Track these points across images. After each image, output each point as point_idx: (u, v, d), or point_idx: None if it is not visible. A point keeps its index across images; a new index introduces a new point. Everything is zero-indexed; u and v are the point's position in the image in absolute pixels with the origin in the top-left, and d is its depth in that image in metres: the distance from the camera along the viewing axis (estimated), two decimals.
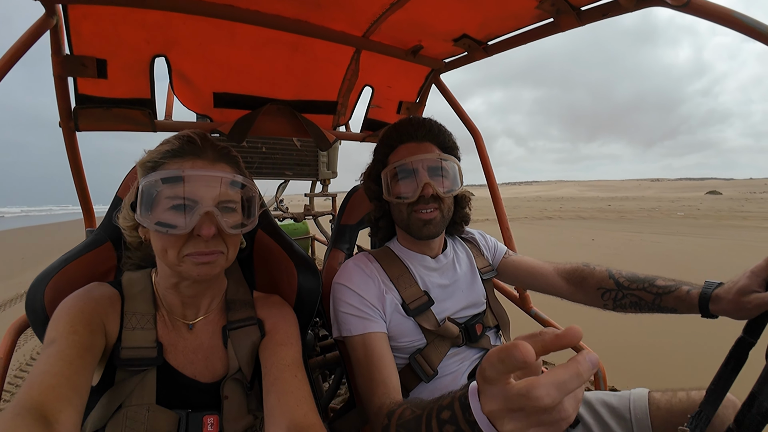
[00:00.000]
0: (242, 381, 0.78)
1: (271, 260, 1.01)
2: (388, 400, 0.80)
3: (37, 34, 0.90)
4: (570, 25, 1.03)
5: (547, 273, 1.15)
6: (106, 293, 0.75)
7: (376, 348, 0.91)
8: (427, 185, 0.99)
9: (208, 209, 0.68)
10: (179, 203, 0.68)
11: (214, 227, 0.68)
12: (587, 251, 7.39)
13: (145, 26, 1.02)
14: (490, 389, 0.40)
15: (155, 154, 0.72)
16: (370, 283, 1.00)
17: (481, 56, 1.32)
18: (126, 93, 1.11)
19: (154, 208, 0.68)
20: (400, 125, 1.09)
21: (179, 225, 0.67)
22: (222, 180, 0.72)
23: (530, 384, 0.36)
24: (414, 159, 1.01)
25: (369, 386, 0.86)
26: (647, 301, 0.93)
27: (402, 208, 1.04)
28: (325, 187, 3.02)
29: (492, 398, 0.40)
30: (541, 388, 0.35)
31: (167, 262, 0.70)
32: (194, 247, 0.69)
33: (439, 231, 1.05)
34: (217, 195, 0.71)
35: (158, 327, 0.77)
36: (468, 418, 0.47)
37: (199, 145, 0.73)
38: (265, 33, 1.17)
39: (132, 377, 0.72)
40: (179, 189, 0.68)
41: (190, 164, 0.71)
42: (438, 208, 1.02)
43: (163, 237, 0.68)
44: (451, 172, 1.05)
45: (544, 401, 0.34)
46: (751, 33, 0.70)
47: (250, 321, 0.83)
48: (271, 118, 1.40)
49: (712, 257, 4.52)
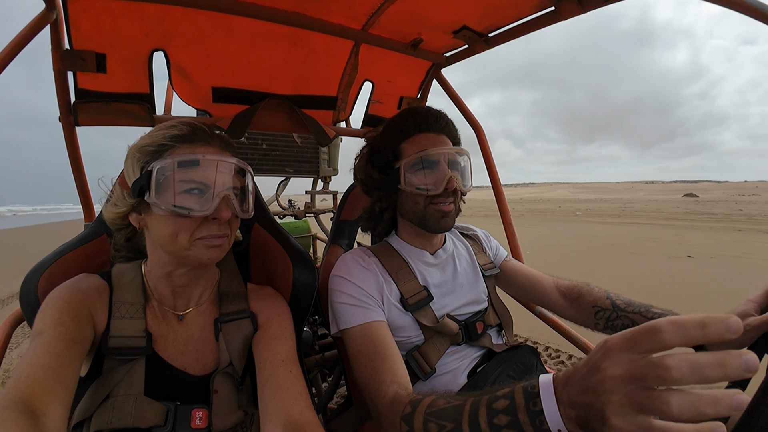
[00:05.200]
0: (233, 375, 0.77)
1: (266, 254, 0.99)
2: (401, 389, 0.76)
3: (37, 28, 0.90)
4: (571, 12, 1.00)
5: (546, 284, 1.13)
6: (94, 284, 0.74)
7: (379, 336, 0.87)
8: (452, 178, 0.97)
9: (226, 193, 0.71)
10: (194, 187, 0.68)
11: (230, 211, 0.71)
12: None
13: (143, 19, 1.02)
14: (621, 354, 0.38)
15: (159, 138, 0.71)
16: (369, 275, 0.97)
17: (482, 48, 1.30)
18: (125, 87, 1.11)
19: (166, 192, 0.68)
20: (416, 113, 1.04)
21: (198, 208, 0.68)
22: (234, 166, 0.74)
23: (665, 355, 0.35)
24: (439, 151, 0.98)
25: (375, 375, 0.81)
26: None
27: (419, 200, 1.00)
28: (326, 184, 3.00)
29: (617, 363, 0.38)
30: (676, 359, 0.34)
31: (175, 246, 0.70)
32: (208, 230, 0.70)
33: (452, 224, 1.04)
34: (229, 180, 0.73)
35: (148, 318, 0.76)
36: (532, 408, 0.48)
37: (207, 133, 0.74)
38: (263, 26, 1.16)
39: (120, 367, 0.71)
40: (195, 173, 0.69)
41: (202, 150, 0.71)
42: (454, 202, 1.01)
43: (175, 221, 0.68)
44: (465, 167, 1.04)
45: (671, 373, 0.33)
46: (753, 14, 0.66)
47: (243, 314, 0.82)
48: (270, 113, 1.38)
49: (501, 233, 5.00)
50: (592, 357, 0.42)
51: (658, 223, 14.52)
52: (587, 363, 0.43)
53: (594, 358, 0.42)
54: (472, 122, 1.55)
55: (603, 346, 0.41)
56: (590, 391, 0.41)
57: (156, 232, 0.71)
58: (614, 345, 0.40)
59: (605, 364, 0.40)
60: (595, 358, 0.42)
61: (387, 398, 0.75)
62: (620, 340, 0.39)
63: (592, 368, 0.42)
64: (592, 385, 0.41)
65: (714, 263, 6.96)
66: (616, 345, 0.40)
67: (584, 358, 0.45)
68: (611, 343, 0.40)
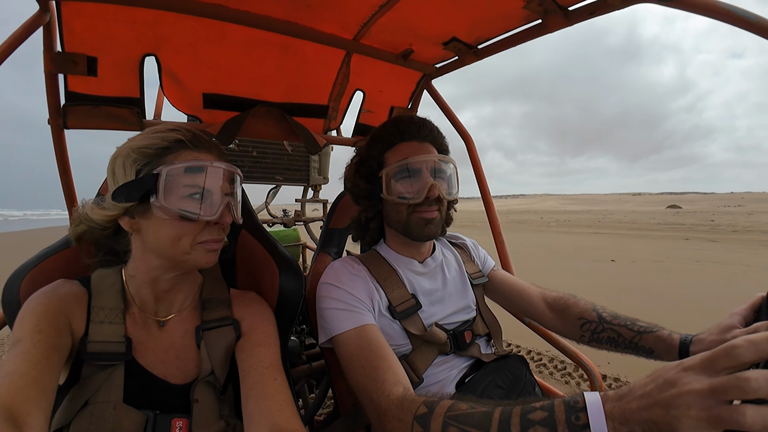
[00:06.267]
0: (215, 384, 0.75)
1: (253, 260, 0.98)
2: (405, 390, 0.73)
3: (30, 29, 0.90)
4: (558, 25, 1.03)
5: (533, 295, 1.14)
6: (72, 290, 0.73)
7: (374, 337, 0.85)
8: (434, 187, 0.97)
9: (229, 199, 0.74)
10: (197, 192, 0.70)
11: (230, 216, 0.75)
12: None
13: (136, 24, 1.02)
14: (701, 371, 0.42)
15: (159, 141, 0.71)
16: (358, 281, 0.96)
17: (471, 60, 1.33)
18: (115, 91, 1.11)
19: (172, 196, 0.68)
20: (400, 122, 1.06)
21: (204, 213, 0.70)
22: (232, 174, 0.77)
23: (745, 371, 0.39)
24: (420, 159, 0.99)
25: (374, 376, 0.77)
26: (626, 338, 0.92)
27: (402, 209, 1.01)
28: (317, 193, 2.99)
29: (698, 379, 0.42)
30: (755, 372, 0.38)
31: (175, 250, 0.70)
32: (209, 234, 0.73)
33: (437, 231, 1.03)
34: (228, 187, 0.76)
35: (127, 324, 0.74)
36: (574, 422, 0.49)
37: (208, 140, 0.77)
38: (255, 34, 1.16)
39: (99, 373, 0.69)
40: (200, 179, 0.71)
41: (205, 156, 0.74)
42: (438, 210, 1.01)
43: (180, 224, 0.69)
44: (450, 175, 1.04)
45: (750, 384, 0.38)
46: (740, 23, 0.68)
47: (226, 321, 0.80)
48: (260, 120, 1.38)
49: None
50: (663, 374, 0.45)
51: (620, 233, 15.60)
52: (654, 379, 0.46)
53: (667, 375, 0.44)
54: (462, 133, 1.56)
55: (679, 365, 0.44)
56: (660, 405, 0.43)
57: (155, 236, 0.70)
58: (693, 364, 0.43)
59: (685, 380, 0.42)
60: (668, 375, 0.44)
61: (394, 397, 0.72)
62: (699, 359, 0.43)
63: (663, 384, 0.44)
64: (663, 400, 0.43)
65: (632, 266, 7.87)
66: (695, 364, 0.43)
67: (647, 376, 0.48)
68: (689, 363, 0.44)
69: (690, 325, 0.96)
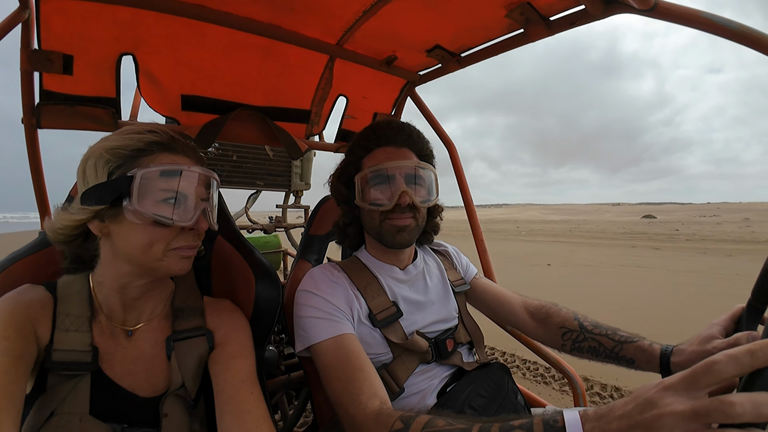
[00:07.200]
0: (185, 398, 0.72)
1: (229, 267, 0.95)
2: (383, 403, 0.71)
3: (8, 27, 0.88)
4: (539, 34, 1.05)
5: (514, 304, 1.14)
6: (38, 296, 0.69)
7: (352, 347, 0.83)
8: (404, 193, 0.95)
9: (205, 205, 0.72)
10: (172, 196, 0.68)
11: (206, 222, 0.73)
12: None
13: (114, 23, 1.01)
14: (682, 392, 0.41)
15: (135, 142, 0.68)
16: (338, 288, 0.94)
17: (454, 68, 1.34)
18: (90, 91, 1.08)
19: (146, 200, 0.66)
20: (378, 127, 1.04)
21: (179, 218, 0.68)
22: (208, 178, 0.75)
23: (729, 394, 0.38)
24: (392, 165, 0.97)
25: (350, 387, 0.76)
26: (607, 347, 0.93)
27: (374, 216, 0.99)
28: (298, 199, 2.96)
29: (680, 400, 0.41)
30: (739, 396, 0.37)
31: (147, 257, 0.67)
32: (184, 240, 0.70)
33: (412, 239, 1.02)
34: (203, 192, 0.73)
35: (94, 332, 0.71)
36: None
37: (184, 143, 0.74)
38: (237, 36, 1.15)
39: (64, 383, 0.66)
40: (175, 183, 0.68)
41: (182, 160, 0.71)
42: (413, 217, 0.99)
43: (153, 230, 0.67)
44: (427, 182, 1.02)
45: (735, 409, 0.37)
46: (722, 32, 0.68)
47: (198, 332, 0.77)
48: (241, 123, 1.36)
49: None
50: (643, 394, 0.44)
51: (578, 241, 16.59)
52: (634, 400, 0.45)
53: (647, 395, 0.43)
54: (445, 141, 1.57)
55: (659, 384, 0.43)
56: (640, 427, 0.42)
57: (125, 241, 0.67)
58: (674, 383, 0.42)
59: (666, 401, 0.41)
60: (648, 394, 0.43)
61: (369, 411, 0.70)
62: (680, 378, 0.42)
63: (644, 404, 0.43)
64: (644, 421, 0.42)
65: (561, 269, 8.70)
66: (676, 383, 0.42)
67: (627, 396, 0.47)
68: (669, 382, 0.43)
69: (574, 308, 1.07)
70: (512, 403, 0.94)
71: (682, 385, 0.41)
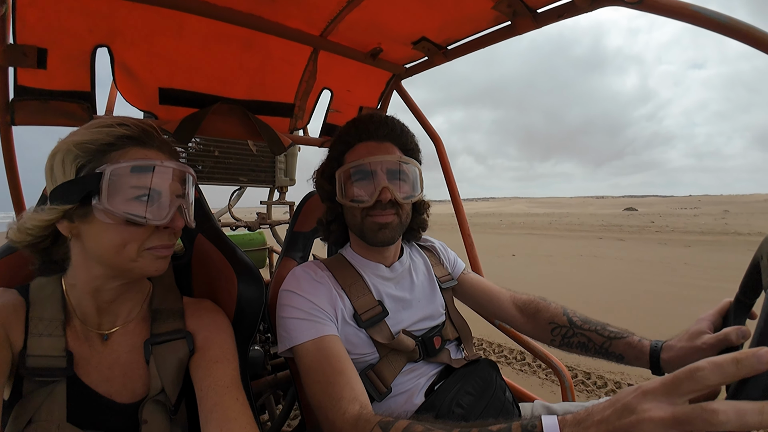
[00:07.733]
0: (165, 404, 0.69)
1: (210, 267, 0.92)
2: (363, 408, 0.70)
3: None
4: (526, 27, 1.04)
5: (503, 299, 1.13)
6: (10, 300, 0.66)
7: (333, 350, 0.81)
8: (385, 189, 0.92)
9: (180, 202, 0.69)
10: (145, 194, 0.64)
11: (183, 220, 0.69)
12: None
13: (88, 14, 0.98)
14: (662, 397, 0.40)
15: (104, 136, 0.64)
16: (321, 288, 0.92)
17: (441, 61, 1.32)
18: (65, 85, 1.05)
19: (116, 198, 0.62)
20: (359, 121, 1.02)
21: (153, 217, 0.64)
22: (184, 174, 0.72)
23: (711, 401, 0.37)
24: (373, 160, 0.94)
25: (330, 391, 0.75)
26: (596, 343, 0.93)
27: (356, 212, 0.97)
28: (283, 195, 2.90)
29: (660, 406, 0.40)
30: (722, 404, 0.36)
31: (120, 258, 0.64)
32: (159, 240, 0.67)
33: (395, 237, 0.99)
34: (179, 189, 0.70)
35: (69, 337, 0.68)
36: None
37: (158, 137, 0.70)
38: (216, 27, 1.11)
39: (40, 389, 0.64)
40: (147, 179, 0.65)
41: (155, 155, 0.68)
42: (396, 214, 0.97)
43: (125, 230, 0.63)
44: (411, 177, 1.00)
45: (718, 416, 0.36)
46: (710, 25, 0.68)
47: (178, 335, 0.74)
48: (221, 118, 1.32)
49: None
50: (622, 399, 0.43)
51: (550, 234, 17.46)
52: (612, 405, 0.44)
53: (625, 400, 0.43)
54: (431, 135, 1.55)
55: (637, 389, 0.42)
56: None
57: (96, 242, 0.64)
58: (654, 388, 0.41)
59: (644, 407, 0.40)
60: (626, 399, 0.42)
61: (348, 416, 0.69)
62: (660, 383, 0.41)
63: (622, 410, 0.42)
64: (622, 426, 0.41)
65: (524, 259, 9.27)
66: (656, 388, 0.41)
67: (605, 400, 0.47)
68: (649, 387, 0.42)
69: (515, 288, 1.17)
70: (500, 400, 0.93)
71: (662, 391, 0.41)
